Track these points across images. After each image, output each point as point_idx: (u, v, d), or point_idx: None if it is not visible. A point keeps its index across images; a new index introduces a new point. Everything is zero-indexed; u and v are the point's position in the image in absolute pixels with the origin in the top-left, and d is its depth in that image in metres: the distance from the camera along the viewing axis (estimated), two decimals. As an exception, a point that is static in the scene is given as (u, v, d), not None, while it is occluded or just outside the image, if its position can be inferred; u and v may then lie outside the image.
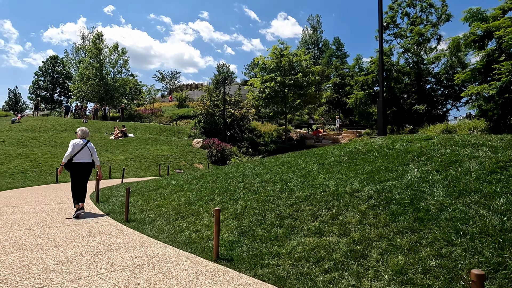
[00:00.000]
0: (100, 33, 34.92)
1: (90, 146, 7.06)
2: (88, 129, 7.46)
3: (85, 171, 7.00)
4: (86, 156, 6.95)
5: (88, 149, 6.98)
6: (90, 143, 7.14)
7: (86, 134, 7.18)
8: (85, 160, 6.94)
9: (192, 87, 52.24)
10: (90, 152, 7.03)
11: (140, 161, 19.19)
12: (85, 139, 7.09)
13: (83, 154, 6.91)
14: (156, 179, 11.17)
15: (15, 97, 47.92)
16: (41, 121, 27.50)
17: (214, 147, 21.65)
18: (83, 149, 6.91)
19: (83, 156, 6.89)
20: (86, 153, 6.95)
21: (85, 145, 6.94)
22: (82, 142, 6.95)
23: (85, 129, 7.29)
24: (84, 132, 7.18)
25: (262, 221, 5.08)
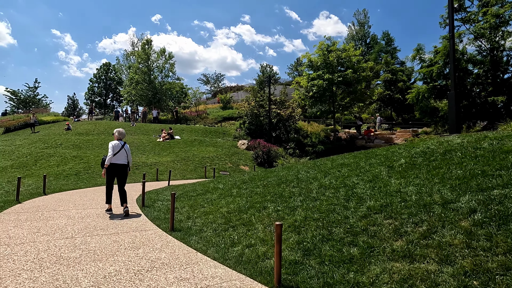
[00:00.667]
0: (149, 39, 36.00)
1: (126, 148, 7.01)
2: (124, 130, 7.38)
3: (122, 173, 6.94)
4: (123, 158, 6.91)
5: (125, 151, 6.94)
6: (127, 145, 7.07)
7: (123, 135, 7.10)
8: (122, 162, 6.89)
9: (235, 89, 52.31)
10: (127, 154, 6.99)
11: (186, 163, 19.07)
12: (122, 141, 7.02)
13: (121, 156, 6.86)
14: (203, 182, 10.68)
15: (73, 103, 51.25)
16: (94, 124, 28.76)
17: (259, 148, 20.99)
18: (121, 150, 6.86)
19: (120, 158, 6.85)
20: (123, 155, 6.91)
21: (122, 147, 6.89)
22: (120, 144, 6.88)
23: (121, 130, 7.16)
24: (120, 133, 7.08)
25: (328, 237, 4.19)
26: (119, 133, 7.09)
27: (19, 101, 41.06)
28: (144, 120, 32.52)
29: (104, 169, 6.77)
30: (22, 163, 16.58)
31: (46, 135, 25.05)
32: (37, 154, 18.40)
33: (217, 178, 11.26)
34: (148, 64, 35.65)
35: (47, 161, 17.19)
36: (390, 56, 40.02)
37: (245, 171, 19.51)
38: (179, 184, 11.82)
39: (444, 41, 17.07)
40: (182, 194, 8.61)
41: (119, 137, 7.03)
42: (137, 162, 17.80)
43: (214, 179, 14.60)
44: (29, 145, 21.80)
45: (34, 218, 6.37)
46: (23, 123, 29.62)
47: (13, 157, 17.86)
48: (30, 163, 16.73)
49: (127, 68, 37.84)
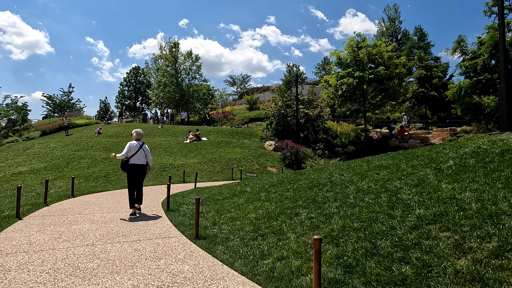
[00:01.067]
0: (176, 42, 36.38)
1: (145, 148, 7.09)
2: (142, 131, 7.33)
3: (141, 173, 7.04)
4: (141, 158, 6.99)
5: (143, 151, 7.02)
6: (145, 145, 7.17)
7: (141, 136, 7.15)
8: (141, 162, 6.99)
9: (262, 90, 51.95)
10: (145, 154, 7.07)
11: (213, 164, 18.85)
12: (140, 141, 7.08)
13: (139, 156, 6.94)
14: (230, 184, 10.30)
15: (105, 106, 52.91)
16: (124, 127, 29.31)
17: (287, 149, 20.43)
18: (139, 151, 6.93)
19: (138, 158, 6.93)
20: (142, 155, 6.99)
21: (140, 147, 6.96)
22: (138, 144, 6.95)
23: (139, 130, 7.22)
24: (138, 133, 7.12)
25: (373, 251, 3.63)
26: (137, 133, 7.13)
27: (55, 105, 42.86)
28: (172, 122, 32.81)
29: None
30: (55, 165, 16.98)
31: (78, 138, 25.78)
32: (69, 156, 18.84)
33: (244, 180, 10.85)
34: (175, 67, 36.02)
35: (78, 163, 17.52)
36: (423, 51, 38.13)
37: (272, 172, 19.02)
38: (206, 187, 11.52)
39: (491, 31, 15.72)
40: (208, 197, 8.25)
41: (137, 138, 7.07)
42: (164, 164, 17.78)
43: (241, 181, 14.22)
44: (62, 147, 22.45)
45: (58, 222, 6.21)
46: (58, 127, 30.71)
47: (47, 159, 18.37)
48: (62, 165, 17.12)
49: (155, 71, 38.46)
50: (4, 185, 13.14)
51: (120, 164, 7.10)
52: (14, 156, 19.79)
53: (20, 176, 14.93)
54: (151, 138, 25.13)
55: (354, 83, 21.82)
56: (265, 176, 18.70)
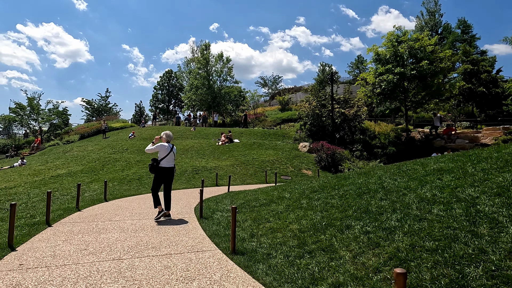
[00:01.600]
0: (207, 44, 36.46)
1: (175, 151, 6.93)
2: (171, 133, 7.11)
3: (171, 176, 6.82)
4: (171, 161, 6.79)
5: (173, 154, 6.83)
6: (174, 147, 6.98)
7: (170, 138, 6.94)
8: (171, 165, 6.80)
9: (294, 90, 51.00)
10: (174, 157, 6.92)
11: (246, 167, 18.33)
12: (170, 143, 6.89)
13: (170, 159, 6.71)
14: (265, 189, 9.65)
15: (140, 110, 54.29)
16: (157, 130, 29.60)
17: (323, 151, 19.49)
18: (170, 153, 6.71)
19: (169, 161, 6.71)
20: (172, 158, 6.78)
21: (171, 150, 6.76)
22: (169, 146, 6.73)
23: (169, 132, 6.99)
24: (168, 135, 6.91)
25: (461, 282, 2.81)
26: (167, 135, 6.90)
27: (93, 109, 44.47)
28: (204, 124, 32.80)
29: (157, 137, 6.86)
30: (91, 168, 17.19)
31: (114, 141, 26.28)
32: (104, 159, 19.07)
33: (281, 185, 10.16)
34: (207, 69, 36.06)
35: (113, 165, 17.64)
36: (468, 45, 35.56)
37: (308, 175, 18.18)
38: (240, 191, 10.95)
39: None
40: (243, 204, 7.65)
41: (167, 140, 6.86)
42: (197, 167, 17.49)
43: (276, 185, 13.55)
44: (99, 150, 22.89)
45: (87, 230, 5.85)
46: (95, 130, 31.62)
47: (84, 162, 18.68)
48: (98, 167, 17.29)
49: (188, 74, 38.76)
50: (42, 188, 13.32)
51: (149, 166, 6.75)
52: (54, 159, 20.37)
53: (58, 179, 15.17)
54: (183, 140, 25.10)
55: (394, 79, 20.45)
56: (300, 179, 17.93)
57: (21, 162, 19.99)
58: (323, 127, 23.40)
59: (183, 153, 20.92)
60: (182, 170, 16.65)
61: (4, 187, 13.93)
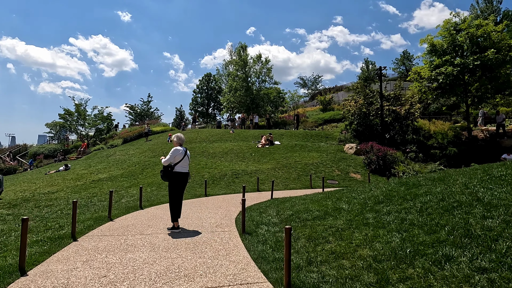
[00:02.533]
0: (244, 45, 35.77)
1: (188, 155, 6.36)
2: (183, 135, 6.47)
3: (185, 182, 6.23)
4: (186, 166, 6.25)
5: (187, 158, 6.28)
6: (188, 151, 6.39)
7: (182, 141, 6.34)
8: (185, 170, 6.22)
9: (335, 90, 48.95)
10: (189, 161, 6.35)
11: (288, 170, 17.17)
12: (183, 147, 6.26)
13: (184, 163, 6.19)
14: (315, 196, 8.44)
15: (180, 114, 55.06)
16: (197, 132, 29.34)
17: (373, 152, 17.81)
18: (184, 158, 6.15)
19: (183, 166, 6.17)
20: (186, 162, 6.24)
21: (185, 154, 6.19)
22: (183, 150, 6.15)
23: (180, 135, 6.41)
24: (179, 138, 6.32)
25: None
26: (178, 138, 6.31)
27: (136, 114, 45.64)
28: (242, 126, 32.09)
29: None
30: (130, 172, 16.96)
31: (154, 144, 26.32)
32: (144, 163, 18.85)
33: (331, 192, 8.89)
34: (245, 71, 35.40)
35: (152, 170, 17.29)
36: (535, 32, 31.59)
37: (357, 179, 16.63)
38: (284, 198, 9.82)
39: None
40: (292, 216, 6.51)
41: (179, 143, 6.27)
42: (236, 170, 16.62)
43: (324, 191, 12.27)
44: (140, 154, 22.90)
45: (114, 246, 5.05)
46: (137, 134, 32.08)
47: (124, 166, 18.57)
48: (137, 172, 17.02)
49: (226, 76, 38.37)
50: (83, 193, 13.12)
51: (161, 173, 6.13)
52: (97, 163, 20.57)
53: (98, 184, 15.01)
54: (222, 143, 24.48)
55: (453, 72, 18.23)
56: (348, 184, 16.39)
57: (65, 167, 20.40)
58: (370, 127, 21.60)
59: (222, 156, 20.22)
60: (222, 174, 15.87)
61: (47, 191, 13.95)
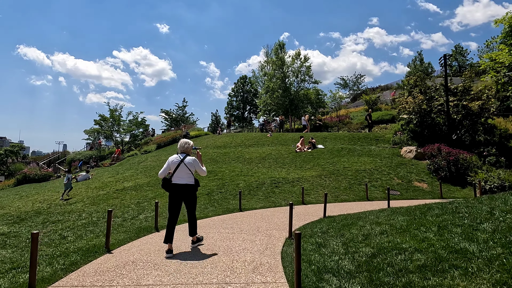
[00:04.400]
0: (282, 43, 33.54)
1: (187, 162, 5.25)
2: (187, 141, 5.53)
3: (186, 195, 5.22)
4: (183, 176, 5.20)
5: (185, 167, 5.21)
6: (189, 158, 5.32)
7: (181, 148, 5.44)
8: (183, 181, 5.19)
9: (380, 89, 45.23)
10: (190, 170, 5.22)
11: (336, 178, 14.57)
12: (184, 154, 5.37)
13: (180, 173, 5.21)
14: (390, 217, 5.90)
15: (216, 119, 53.92)
16: (232, 137, 27.46)
17: (441, 156, 14.71)
18: (180, 166, 5.21)
19: (180, 176, 5.20)
20: (185, 171, 5.21)
21: (181, 162, 5.23)
22: (178, 158, 5.28)
23: (183, 141, 5.53)
24: (180, 145, 5.48)
25: None
26: (179, 144, 5.48)
27: (171, 120, 44.90)
28: (281, 130, 29.77)
29: None
30: (158, 180, 15.24)
31: (187, 150, 24.72)
32: (174, 169, 17.11)
33: (414, 211, 6.27)
34: (283, 70, 33.14)
35: (181, 177, 15.47)
36: None
37: (423, 189, 13.66)
38: (343, 216, 7.34)
39: None
40: (374, 256, 4.06)
41: (180, 150, 5.43)
42: (276, 178, 14.33)
43: (391, 207, 9.64)
44: (171, 160, 21.30)
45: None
46: (171, 139, 30.87)
47: (152, 173, 16.95)
48: (165, 180, 15.27)
49: (262, 76, 36.29)
50: (101, 205, 11.47)
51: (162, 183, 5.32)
52: (125, 170, 19.22)
53: (121, 193, 13.38)
54: (259, 147, 22.33)
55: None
56: (414, 195, 13.43)
57: (83, 176, 18.93)
58: (432, 126, 18.36)
59: (259, 162, 18.03)
60: (259, 183, 13.65)
61: (65, 202, 12.50)
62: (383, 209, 8.65)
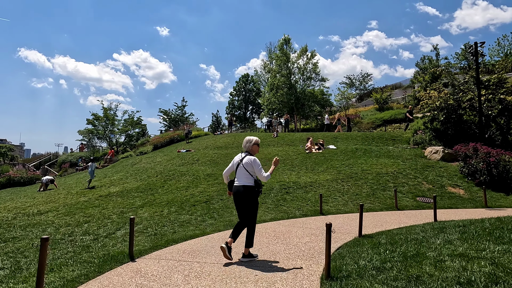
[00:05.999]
0: (287, 37, 31.53)
1: (245, 163, 4.66)
2: (249, 138, 4.87)
3: (240, 198, 4.62)
4: (242, 177, 4.67)
5: (243, 168, 4.64)
6: (248, 157, 4.70)
7: (244, 146, 4.87)
8: (240, 183, 4.66)
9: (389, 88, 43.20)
10: (247, 171, 4.61)
11: (355, 182, 12.51)
12: (246, 153, 4.80)
13: (238, 174, 4.73)
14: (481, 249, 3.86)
15: (217, 119, 51.88)
16: (234, 137, 25.42)
17: (478, 157, 12.65)
18: (238, 166, 4.73)
19: (238, 177, 4.73)
20: (241, 172, 4.68)
21: (240, 161, 4.72)
22: (238, 157, 4.82)
23: (246, 138, 4.91)
24: (243, 143, 4.91)
25: None
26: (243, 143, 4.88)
27: (170, 120, 42.85)
28: (286, 129, 27.75)
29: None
30: (149, 185, 13.22)
31: (185, 151, 22.73)
32: (169, 172, 15.07)
33: (499, 231, 4.25)
34: (287, 66, 31.15)
35: (177, 181, 13.44)
36: None
37: (461, 196, 11.60)
38: (384, 235, 5.29)
39: None
40: None
41: (243, 149, 4.86)
42: (286, 182, 12.31)
43: (439, 221, 7.63)
44: (167, 162, 19.32)
45: None
46: (168, 140, 28.87)
47: (144, 176, 14.93)
48: (158, 184, 13.24)
49: (267, 73, 34.28)
50: (77, 215, 9.43)
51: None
52: (114, 173, 17.21)
53: (104, 200, 11.36)
54: (264, 148, 20.29)
55: None
56: (451, 202, 11.32)
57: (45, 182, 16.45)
58: (460, 123, 16.30)
59: (265, 164, 15.98)
60: (267, 188, 11.63)
61: (36, 211, 10.46)
62: (431, 224, 6.61)
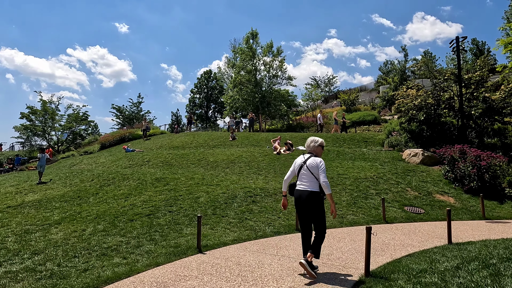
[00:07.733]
0: (255, 32, 29.48)
1: (310, 164, 4.22)
2: (313, 138, 4.47)
3: (304, 204, 4.19)
4: (304, 180, 4.23)
5: (307, 170, 4.21)
6: (313, 159, 4.26)
7: (308, 147, 4.44)
8: (304, 187, 4.22)
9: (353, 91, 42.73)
10: (312, 174, 4.16)
11: (332, 189, 10.63)
12: (310, 154, 4.36)
13: (301, 177, 4.29)
14: None
15: (177, 118, 48.63)
16: (193, 136, 22.85)
17: (468, 161, 11.31)
18: (301, 169, 4.29)
19: (301, 180, 4.29)
20: (305, 175, 4.24)
21: (303, 163, 4.28)
22: (301, 159, 4.36)
23: (310, 138, 4.48)
24: (306, 143, 4.49)
25: None
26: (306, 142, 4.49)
27: (124, 117, 39.02)
28: (251, 129, 25.67)
29: (283, 197, 4.50)
30: (79, 191, 10.43)
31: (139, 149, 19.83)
32: (108, 176, 12.30)
33: None
34: (253, 62, 29.16)
35: (116, 187, 10.76)
36: None
37: (452, 205, 10.09)
38: (397, 273, 3.31)
39: None
40: None
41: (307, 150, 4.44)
42: (251, 189, 10.17)
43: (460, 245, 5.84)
44: (111, 163, 16.40)
45: None
46: (119, 138, 25.64)
47: (76, 180, 12.04)
48: (91, 190, 10.48)
49: (231, 68, 32.02)
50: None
51: None
52: (43, 176, 14.03)
53: (11, 213, 8.49)
54: (226, 148, 18.03)
55: None
56: (440, 213, 9.69)
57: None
58: (439, 125, 15.12)
59: (227, 167, 13.73)
60: (229, 196, 9.38)
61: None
62: (449, 247, 4.75)
